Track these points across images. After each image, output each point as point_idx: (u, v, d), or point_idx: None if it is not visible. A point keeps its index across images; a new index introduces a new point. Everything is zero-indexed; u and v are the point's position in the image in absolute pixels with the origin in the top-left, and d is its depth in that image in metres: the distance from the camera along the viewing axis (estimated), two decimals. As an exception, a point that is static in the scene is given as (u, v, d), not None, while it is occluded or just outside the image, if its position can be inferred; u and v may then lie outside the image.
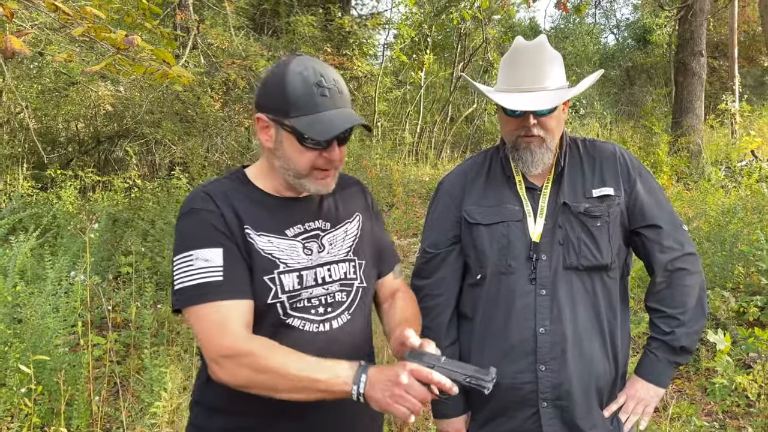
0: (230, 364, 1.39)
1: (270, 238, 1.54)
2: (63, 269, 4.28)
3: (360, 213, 1.74)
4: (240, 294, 1.46)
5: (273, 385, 1.39)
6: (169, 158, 10.35)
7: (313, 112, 1.47)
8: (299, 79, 1.47)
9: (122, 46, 3.54)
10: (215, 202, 1.52)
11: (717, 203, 7.72)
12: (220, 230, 1.49)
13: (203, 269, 1.44)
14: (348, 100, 1.54)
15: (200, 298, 1.43)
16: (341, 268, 1.62)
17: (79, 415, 3.55)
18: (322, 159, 1.52)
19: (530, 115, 1.79)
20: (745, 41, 18.42)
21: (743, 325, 4.48)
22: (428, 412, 3.83)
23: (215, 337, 1.40)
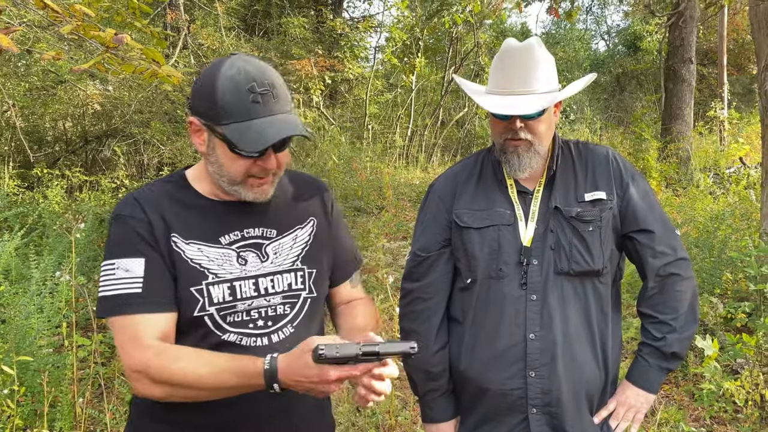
0: (143, 379, 1.35)
1: (200, 246, 1.46)
2: (48, 269, 4.23)
3: (315, 217, 1.64)
4: (158, 306, 1.40)
5: (191, 395, 1.36)
6: (157, 158, 10.29)
7: (245, 119, 1.38)
8: (230, 83, 1.37)
9: (111, 45, 3.51)
10: (143, 208, 1.46)
11: (705, 209, 7.77)
12: (144, 239, 1.43)
13: (123, 279, 1.40)
14: (286, 105, 1.44)
15: (118, 309, 1.39)
16: (285, 279, 1.54)
17: (63, 417, 3.50)
18: (256, 167, 1.44)
19: (517, 119, 1.77)
20: (734, 49, 18.58)
21: (731, 331, 4.49)
22: (416, 415, 3.82)
23: (129, 352, 1.37)
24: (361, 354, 1.25)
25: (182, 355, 1.37)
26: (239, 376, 1.33)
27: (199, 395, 1.36)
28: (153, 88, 8.91)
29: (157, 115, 9.46)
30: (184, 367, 1.34)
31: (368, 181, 10.28)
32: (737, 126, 13.15)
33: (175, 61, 8.92)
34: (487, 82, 1.90)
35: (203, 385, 1.34)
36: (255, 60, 1.45)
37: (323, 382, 1.27)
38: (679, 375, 4.43)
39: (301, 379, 1.29)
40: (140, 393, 1.38)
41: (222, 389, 1.35)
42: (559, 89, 1.85)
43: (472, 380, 1.85)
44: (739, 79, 18.92)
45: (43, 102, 9.98)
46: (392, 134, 13.94)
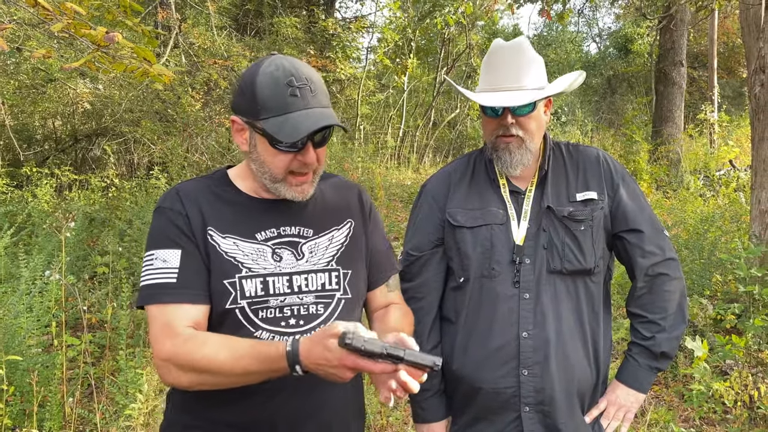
0: (170, 367, 1.38)
1: (236, 241, 1.49)
2: (37, 268, 4.20)
3: (353, 219, 1.66)
4: (191, 297, 1.44)
5: (216, 381, 1.38)
6: (148, 158, 10.24)
7: (283, 112, 1.42)
8: (269, 78, 1.42)
9: (102, 43, 3.49)
10: (182, 202, 1.50)
11: (695, 212, 7.81)
12: (182, 231, 1.47)
13: (160, 270, 1.44)
14: (324, 100, 1.48)
15: (152, 299, 1.43)
16: (320, 278, 1.55)
17: (52, 416, 3.48)
18: (296, 162, 1.47)
19: (508, 114, 1.79)
20: (724, 52, 18.70)
21: (720, 333, 4.52)
22: (408, 415, 3.82)
23: (158, 342, 1.40)
24: (385, 354, 1.26)
25: (208, 342, 1.39)
26: (261, 360, 1.34)
27: (224, 382, 1.38)
28: (144, 87, 8.86)
29: (148, 115, 9.41)
30: (207, 354, 1.35)
31: (360, 182, 10.27)
32: (727, 129, 13.24)
33: (166, 60, 8.88)
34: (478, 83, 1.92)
35: (226, 371, 1.35)
36: (293, 59, 1.49)
37: (341, 366, 1.28)
38: (668, 376, 4.45)
39: (322, 362, 1.29)
40: (168, 382, 1.41)
41: (245, 374, 1.36)
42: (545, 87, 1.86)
43: (465, 379, 1.85)
44: (730, 82, 19.05)
45: (33, 100, 9.91)
46: (384, 135, 13.93)
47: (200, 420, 1.52)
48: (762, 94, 5.28)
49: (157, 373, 1.44)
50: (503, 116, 1.80)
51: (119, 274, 5.30)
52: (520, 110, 1.79)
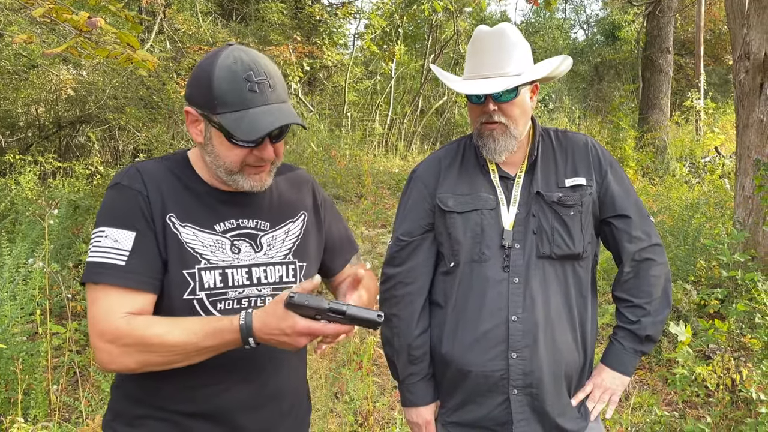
0: (114, 350, 1.33)
1: (195, 231, 1.46)
2: (21, 256, 4.17)
3: (306, 212, 1.65)
4: (138, 284, 1.38)
5: (165, 360, 1.34)
6: (132, 145, 10.15)
7: (241, 108, 1.37)
8: (227, 72, 1.37)
9: (85, 29, 3.45)
10: (143, 181, 1.44)
11: (681, 198, 7.88)
12: (140, 213, 1.41)
13: (108, 249, 1.38)
14: (283, 94, 1.44)
15: (97, 277, 1.37)
16: (278, 270, 1.54)
17: (37, 404, 3.47)
18: (252, 156, 1.43)
19: (490, 101, 1.80)
20: (710, 39, 18.75)
21: (704, 317, 4.56)
22: (394, 401, 3.83)
23: (99, 323, 1.34)
24: (328, 309, 1.29)
25: (155, 322, 1.36)
26: (214, 334, 1.33)
27: (174, 360, 1.35)
28: (128, 73, 8.78)
29: (132, 101, 9.32)
30: (158, 332, 1.33)
31: (347, 169, 10.25)
32: (713, 116, 13.32)
33: (151, 46, 8.79)
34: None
35: (178, 348, 1.33)
36: (252, 50, 1.44)
37: (294, 333, 1.30)
38: (652, 360, 4.50)
39: (275, 331, 1.31)
40: (109, 366, 1.35)
41: (196, 350, 1.34)
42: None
43: (454, 363, 1.86)
44: (716, 69, 19.13)
45: (15, 87, 9.79)
46: (371, 122, 13.89)
47: (152, 410, 1.49)
48: (747, 80, 5.31)
49: (95, 357, 1.36)
50: (485, 103, 1.81)
51: (104, 261, 5.26)
52: (503, 97, 1.79)
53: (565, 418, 1.86)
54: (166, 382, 1.45)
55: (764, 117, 5.22)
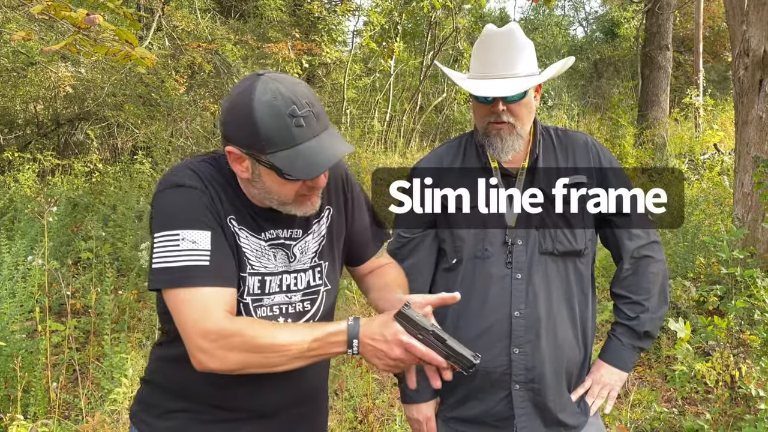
0: (219, 349, 1.31)
1: (248, 235, 1.46)
2: (20, 253, 4.16)
3: (330, 207, 1.63)
4: (225, 281, 1.37)
5: (267, 362, 1.33)
6: (131, 142, 10.15)
7: (291, 145, 1.33)
8: (268, 108, 1.31)
9: (83, 26, 3.44)
10: (203, 182, 1.42)
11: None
12: (209, 212, 1.40)
13: (190, 252, 1.35)
14: (325, 119, 1.40)
15: (184, 281, 1.34)
16: (306, 276, 1.55)
17: (37, 402, 3.47)
18: (306, 187, 1.42)
19: (500, 102, 1.80)
20: (710, 36, 18.74)
21: (703, 314, 4.56)
22: (394, 398, 3.84)
23: (199, 322, 1.31)
24: (432, 332, 1.34)
25: (258, 323, 1.36)
26: (320, 338, 1.34)
27: (277, 362, 1.33)
28: (126, 71, 8.77)
29: (131, 98, 9.31)
30: (266, 333, 1.32)
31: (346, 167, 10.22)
32: (712, 113, 13.31)
33: (149, 43, 8.77)
34: (468, 67, 1.92)
35: (285, 349, 1.32)
36: (284, 77, 1.38)
37: (394, 341, 1.33)
38: (652, 357, 4.50)
39: (377, 336, 1.34)
40: (208, 364, 1.32)
41: (302, 352, 1.33)
42: (539, 73, 1.87)
43: None
44: (715, 66, 19.12)
45: (14, 84, 9.78)
46: (370, 119, 13.88)
47: (185, 403, 1.50)
48: (746, 77, 5.31)
49: (193, 359, 1.34)
50: (495, 104, 1.81)
51: (103, 259, 5.27)
52: (511, 97, 1.80)
53: (566, 413, 1.87)
54: (201, 378, 1.45)
55: (763, 114, 5.22)
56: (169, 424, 1.51)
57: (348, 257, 1.73)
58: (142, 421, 1.56)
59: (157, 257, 1.36)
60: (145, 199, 7.46)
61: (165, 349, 1.56)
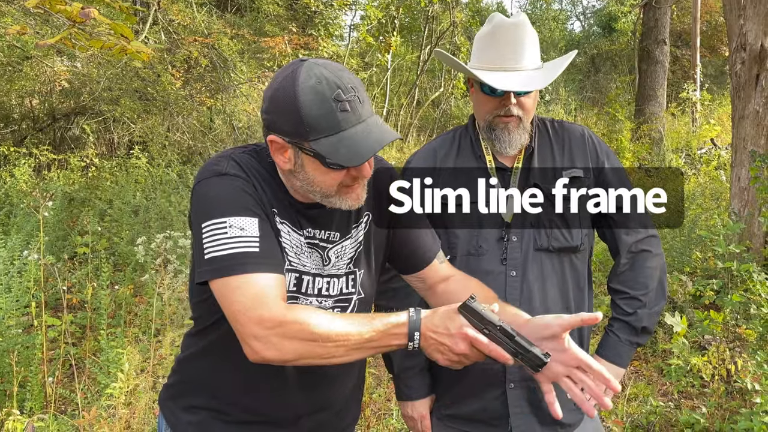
0: (275, 337, 1.23)
1: (289, 230, 1.42)
2: (16, 248, 4.15)
3: (370, 212, 1.56)
4: (275, 268, 1.31)
5: (324, 352, 1.26)
6: (128, 137, 10.12)
7: (336, 131, 1.28)
8: (314, 95, 1.27)
9: (78, 20, 3.42)
10: (245, 172, 1.38)
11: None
12: (254, 200, 1.35)
13: (238, 238, 1.29)
14: (369, 105, 1.35)
15: (235, 269, 1.27)
16: (339, 283, 1.50)
17: (33, 397, 3.47)
18: (349, 177, 1.37)
19: (511, 95, 1.77)
20: (707, 31, 18.73)
21: (699, 308, 4.58)
22: (390, 392, 3.84)
23: (254, 309, 1.24)
24: (499, 328, 1.26)
25: (315, 311, 1.29)
26: (380, 329, 1.28)
27: (334, 354, 1.27)
28: (122, 65, 8.72)
29: (127, 93, 9.26)
30: (323, 322, 1.26)
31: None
32: (709, 107, 13.32)
33: (145, 38, 8.73)
34: (470, 58, 1.89)
35: (343, 339, 1.26)
36: (328, 63, 1.34)
37: (458, 334, 1.26)
38: (648, 351, 4.51)
39: (440, 329, 1.27)
40: (263, 353, 1.26)
41: (359, 344, 1.27)
42: (542, 65, 1.85)
43: None
44: (712, 61, 19.12)
45: (9, 78, 9.73)
46: (368, 114, 13.84)
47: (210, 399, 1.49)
48: (743, 72, 5.31)
49: (247, 348, 1.27)
50: (506, 97, 1.77)
51: (99, 254, 5.26)
52: (522, 90, 1.77)
53: (562, 411, 1.84)
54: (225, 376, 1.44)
55: (760, 108, 5.22)
56: (191, 418, 1.50)
57: (405, 265, 1.65)
58: (168, 408, 1.55)
59: (206, 247, 1.30)
60: (141, 194, 7.45)
61: (194, 340, 1.54)
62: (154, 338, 3.90)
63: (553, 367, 1.35)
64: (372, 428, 3.45)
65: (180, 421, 1.52)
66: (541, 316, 1.42)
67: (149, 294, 4.48)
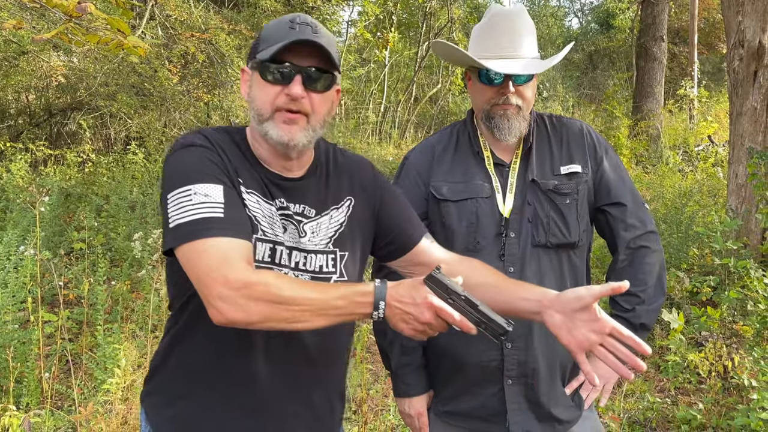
0: (241, 298, 1.22)
1: (258, 199, 1.42)
2: (12, 243, 4.13)
3: (352, 197, 1.58)
4: (241, 234, 1.31)
5: (290, 316, 1.25)
6: (124, 132, 10.10)
7: (279, 41, 1.37)
8: (276, 20, 1.44)
9: (75, 14, 3.40)
10: (212, 143, 1.42)
11: (674, 186, 7.89)
12: (219, 169, 1.37)
13: (203, 204, 1.30)
14: (326, 41, 1.40)
15: (201, 234, 1.27)
16: (318, 259, 1.49)
17: (29, 392, 3.46)
18: (283, 97, 1.39)
19: (509, 83, 1.76)
20: (704, 28, 18.73)
21: (696, 305, 4.58)
22: (388, 388, 3.84)
23: (219, 270, 1.24)
24: (464, 297, 1.28)
25: (279, 276, 1.31)
26: (346, 296, 1.28)
27: (300, 318, 1.26)
28: (119, 60, 8.68)
29: (124, 88, 9.22)
30: (287, 285, 1.26)
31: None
32: (706, 104, 13.33)
33: (142, 33, 8.69)
34: (468, 49, 1.88)
35: (310, 302, 1.26)
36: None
37: (424, 303, 1.27)
38: (645, 347, 4.51)
39: (406, 299, 1.28)
40: (229, 314, 1.24)
41: (326, 309, 1.27)
42: (540, 56, 1.85)
43: (449, 353, 1.85)
44: (710, 58, 19.12)
45: (5, 73, 9.68)
46: (365, 110, 13.84)
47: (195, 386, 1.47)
48: (740, 68, 5.31)
49: (212, 310, 1.25)
50: (504, 85, 1.77)
51: (96, 249, 5.25)
52: (519, 78, 1.77)
53: (559, 407, 1.85)
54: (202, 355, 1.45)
55: (758, 105, 5.22)
56: (171, 411, 1.49)
57: (395, 247, 1.64)
58: (147, 403, 1.55)
59: (171, 216, 1.32)
60: (138, 190, 7.43)
61: (170, 326, 1.54)
62: (150, 334, 3.89)
63: (587, 336, 1.38)
64: (369, 424, 3.45)
65: (160, 415, 1.52)
66: (571, 289, 1.43)
67: (146, 290, 4.47)
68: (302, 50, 1.39)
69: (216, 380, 1.46)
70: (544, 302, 1.44)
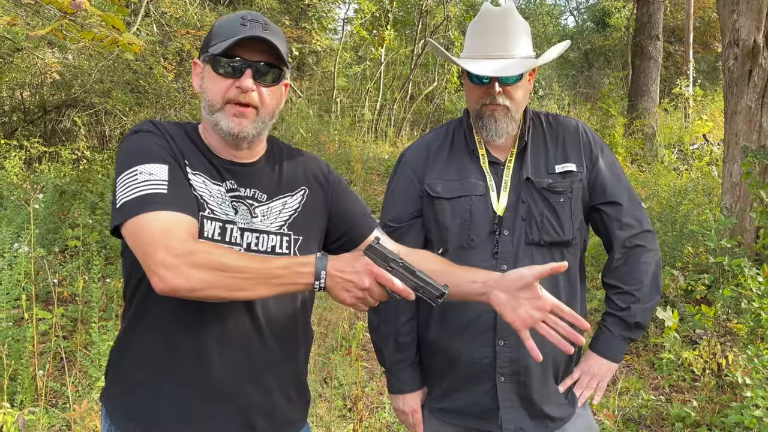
0: (182, 265, 1.25)
1: (205, 180, 1.47)
2: (6, 241, 4.13)
3: (307, 188, 1.63)
4: (185, 210, 1.36)
5: (232, 283, 1.28)
6: (119, 129, 10.05)
7: (230, 37, 1.43)
8: (227, 17, 1.49)
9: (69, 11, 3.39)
10: (159, 129, 1.48)
11: (669, 185, 7.90)
12: (165, 151, 1.43)
13: (147, 182, 1.35)
14: (275, 37, 1.46)
15: (144, 208, 1.32)
16: (271, 240, 1.52)
17: (23, 390, 3.45)
18: (234, 90, 1.45)
19: (495, 84, 1.77)
20: (700, 27, 18.76)
21: (691, 303, 4.59)
22: (383, 386, 3.84)
23: (162, 239, 1.27)
24: (401, 264, 1.36)
25: (221, 246, 1.37)
26: (287, 266, 1.33)
27: (241, 286, 1.29)
28: (114, 57, 8.65)
29: (119, 85, 9.19)
30: (228, 254, 1.31)
31: (336, 155, 10.20)
32: (701, 103, 13.36)
33: (137, 30, 8.66)
34: (461, 50, 1.89)
35: (251, 270, 1.29)
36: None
37: (364, 271, 1.33)
38: (640, 345, 4.53)
39: (346, 268, 1.33)
40: (172, 282, 1.26)
41: (268, 278, 1.30)
42: (534, 56, 1.84)
43: (441, 350, 1.85)
44: (705, 57, 19.15)
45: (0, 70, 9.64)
46: (361, 108, 13.82)
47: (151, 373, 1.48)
48: (735, 67, 5.32)
49: (155, 278, 1.27)
50: (491, 85, 1.78)
51: (90, 247, 5.23)
52: (507, 79, 1.77)
53: (552, 405, 1.85)
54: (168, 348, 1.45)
55: (753, 104, 5.23)
56: (129, 401, 1.50)
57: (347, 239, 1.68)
58: (106, 397, 1.56)
59: (117, 197, 1.37)
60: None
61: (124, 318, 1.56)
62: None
63: (530, 313, 1.45)
64: (364, 422, 3.45)
65: (117, 406, 1.52)
66: (514, 269, 1.50)
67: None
68: (253, 46, 1.45)
69: (170, 365, 1.47)
70: (489, 283, 1.51)
